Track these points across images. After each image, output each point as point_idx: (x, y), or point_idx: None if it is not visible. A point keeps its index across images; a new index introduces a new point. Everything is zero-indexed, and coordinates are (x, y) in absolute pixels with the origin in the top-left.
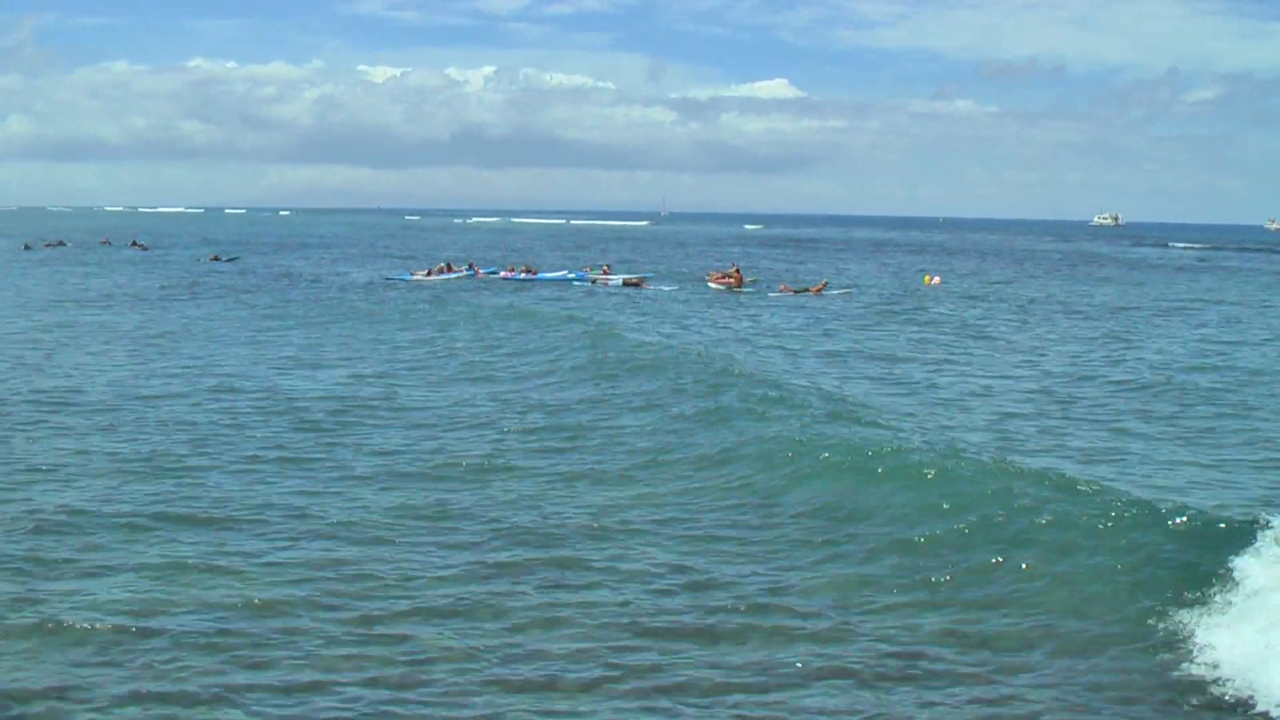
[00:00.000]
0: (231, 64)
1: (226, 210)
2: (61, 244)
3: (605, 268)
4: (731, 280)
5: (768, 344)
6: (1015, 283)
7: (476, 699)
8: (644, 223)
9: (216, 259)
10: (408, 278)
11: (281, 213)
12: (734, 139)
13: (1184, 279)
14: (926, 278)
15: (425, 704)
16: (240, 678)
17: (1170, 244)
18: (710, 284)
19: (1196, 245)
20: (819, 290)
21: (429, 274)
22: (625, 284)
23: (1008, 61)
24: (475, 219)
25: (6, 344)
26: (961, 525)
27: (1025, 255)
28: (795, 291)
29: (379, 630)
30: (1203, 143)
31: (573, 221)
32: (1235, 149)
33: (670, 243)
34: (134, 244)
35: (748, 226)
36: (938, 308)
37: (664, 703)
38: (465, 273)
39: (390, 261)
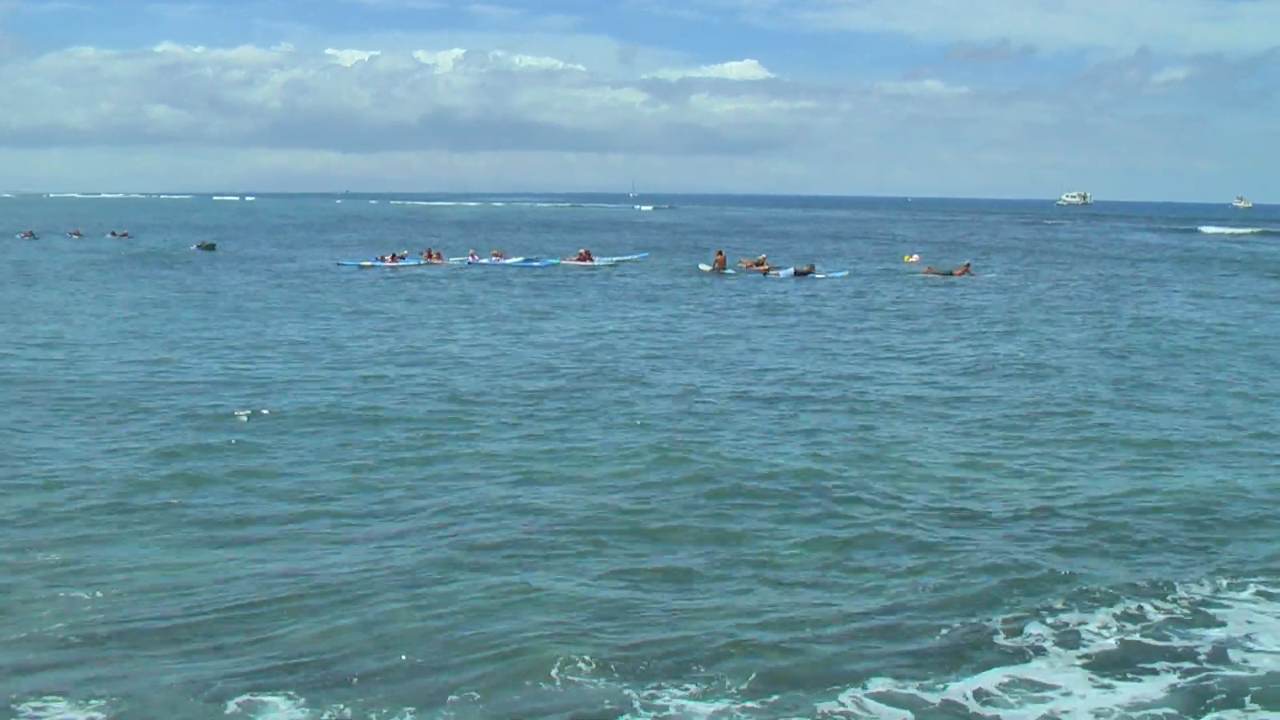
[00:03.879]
0: (200, 48)
1: (161, 196)
2: (31, 235)
3: (583, 252)
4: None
5: None
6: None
7: None
8: (566, 205)
9: (204, 246)
10: (358, 265)
11: (214, 198)
12: (704, 120)
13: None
14: (906, 256)
15: None
16: None
17: (1044, 221)
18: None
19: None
20: (962, 272)
21: (390, 260)
22: (796, 273)
23: (977, 43)
24: (395, 202)
25: None
26: None
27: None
28: (941, 274)
29: None
30: (1174, 123)
31: (493, 204)
32: (1207, 130)
33: (599, 227)
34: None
35: (640, 208)
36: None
37: None
38: (420, 261)
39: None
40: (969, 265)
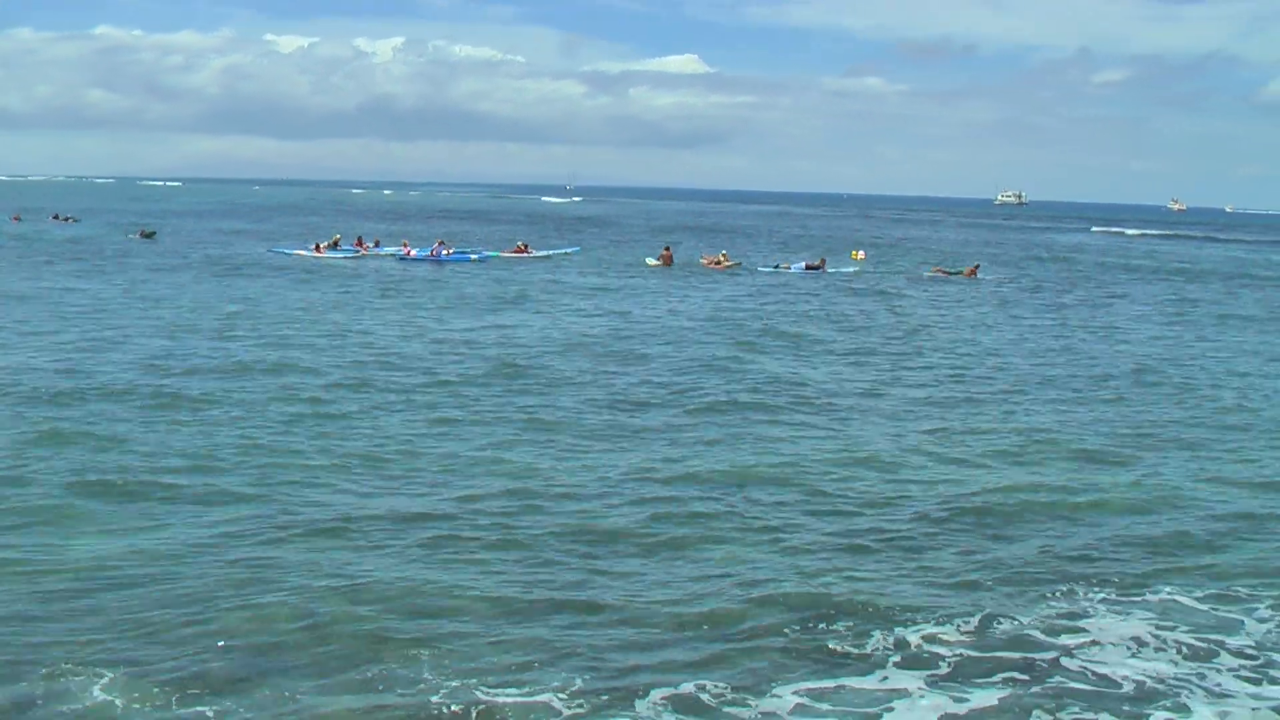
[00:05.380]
0: (138, 31)
1: (86, 179)
2: None
3: (521, 245)
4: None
5: None
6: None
7: None
8: (483, 195)
9: (144, 235)
10: (290, 253)
11: (139, 182)
12: (645, 114)
13: None
14: (854, 253)
15: None
16: None
17: (959, 220)
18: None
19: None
20: (970, 273)
21: (317, 250)
22: (808, 268)
23: (920, 41)
24: (312, 188)
25: None
26: None
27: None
28: (948, 274)
29: None
30: (1113, 124)
31: (410, 193)
32: (1145, 131)
33: (515, 219)
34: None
35: (544, 198)
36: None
37: None
38: (354, 251)
39: None
40: (978, 266)
